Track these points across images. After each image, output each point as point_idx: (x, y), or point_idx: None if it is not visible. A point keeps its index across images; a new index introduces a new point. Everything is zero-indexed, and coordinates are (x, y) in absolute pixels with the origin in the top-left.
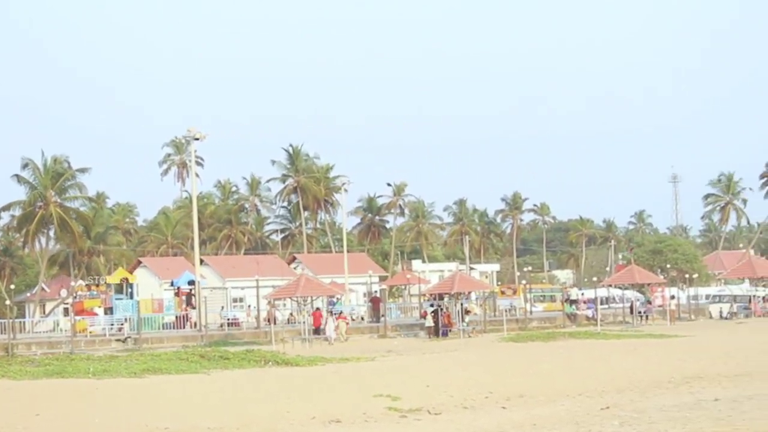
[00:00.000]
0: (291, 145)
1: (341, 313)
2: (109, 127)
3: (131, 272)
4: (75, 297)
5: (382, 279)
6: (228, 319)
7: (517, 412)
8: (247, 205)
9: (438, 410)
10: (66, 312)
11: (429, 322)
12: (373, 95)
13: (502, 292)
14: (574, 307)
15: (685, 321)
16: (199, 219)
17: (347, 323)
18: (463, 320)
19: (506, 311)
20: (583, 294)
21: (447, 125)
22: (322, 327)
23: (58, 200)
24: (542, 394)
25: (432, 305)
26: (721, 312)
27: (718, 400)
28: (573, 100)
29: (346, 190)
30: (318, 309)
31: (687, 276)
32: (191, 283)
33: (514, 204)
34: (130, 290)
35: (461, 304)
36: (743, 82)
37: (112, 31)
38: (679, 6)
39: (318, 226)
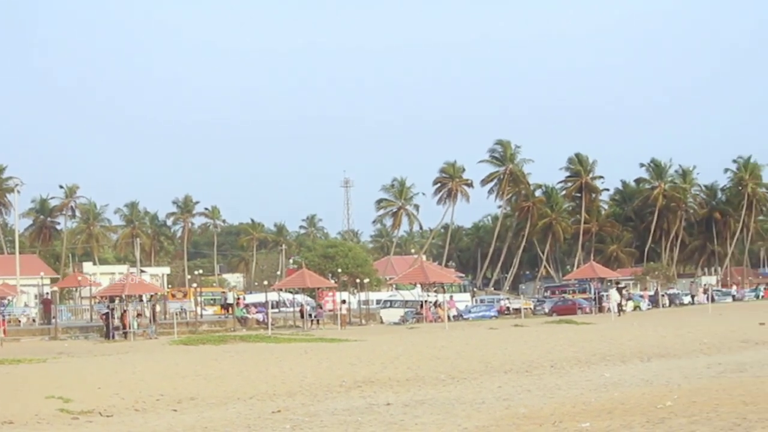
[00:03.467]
0: None
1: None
2: None
3: None
4: None
5: (54, 281)
6: None
7: (189, 414)
8: None
9: (110, 412)
10: None
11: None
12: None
13: (173, 295)
14: (244, 310)
15: (356, 326)
16: None
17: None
18: (154, 321)
19: (176, 314)
20: (244, 298)
21: (119, 125)
22: None
23: None
24: (213, 397)
25: (107, 307)
26: (403, 317)
27: (390, 404)
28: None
29: (18, 191)
30: None
31: (358, 281)
32: None
33: (186, 207)
34: None
35: (154, 306)
36: (419, 88)
37: None
38: None
39: None
